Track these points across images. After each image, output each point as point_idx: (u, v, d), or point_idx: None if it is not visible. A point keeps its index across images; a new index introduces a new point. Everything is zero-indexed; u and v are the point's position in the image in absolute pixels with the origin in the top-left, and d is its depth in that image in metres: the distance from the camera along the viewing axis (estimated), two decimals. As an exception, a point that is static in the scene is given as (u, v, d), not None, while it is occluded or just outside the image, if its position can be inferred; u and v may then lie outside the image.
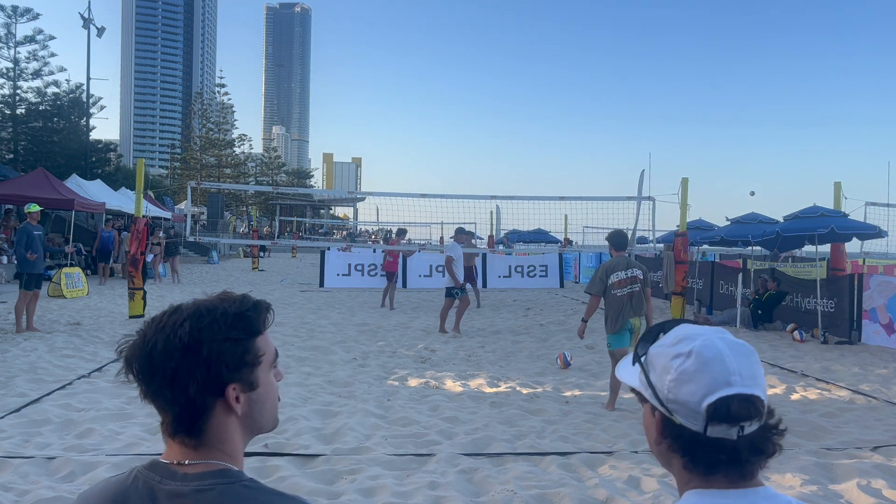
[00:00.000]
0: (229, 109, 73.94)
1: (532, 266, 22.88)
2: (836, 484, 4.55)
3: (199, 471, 1.07)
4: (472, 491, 4.36)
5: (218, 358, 1.07)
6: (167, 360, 1.06)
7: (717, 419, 0.98)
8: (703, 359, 1.01)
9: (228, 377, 1.09)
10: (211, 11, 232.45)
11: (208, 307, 1.12)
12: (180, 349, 1.06)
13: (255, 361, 1.12)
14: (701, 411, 0.99)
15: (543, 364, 8.98)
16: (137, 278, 12.45)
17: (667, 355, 1.05)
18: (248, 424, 1.13)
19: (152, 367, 1.07)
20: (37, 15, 38.56)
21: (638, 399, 1.11)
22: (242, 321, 1.12)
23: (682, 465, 1.04)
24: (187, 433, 1.09)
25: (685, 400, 1.01)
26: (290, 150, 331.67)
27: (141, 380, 1.09)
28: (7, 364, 7.94)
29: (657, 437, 1.06)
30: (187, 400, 1.07)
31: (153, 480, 1.07)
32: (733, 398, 0.99)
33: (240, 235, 46.42)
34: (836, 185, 13.92)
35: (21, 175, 23.79)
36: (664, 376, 1.04)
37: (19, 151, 38.99)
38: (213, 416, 1.09)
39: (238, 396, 1.10)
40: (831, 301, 11.80)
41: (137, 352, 1.10)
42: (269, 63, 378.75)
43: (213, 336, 1.08)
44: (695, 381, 1.01)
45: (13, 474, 4.39)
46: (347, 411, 6.19)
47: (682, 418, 1.01)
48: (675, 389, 1.02)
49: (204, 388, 1.07)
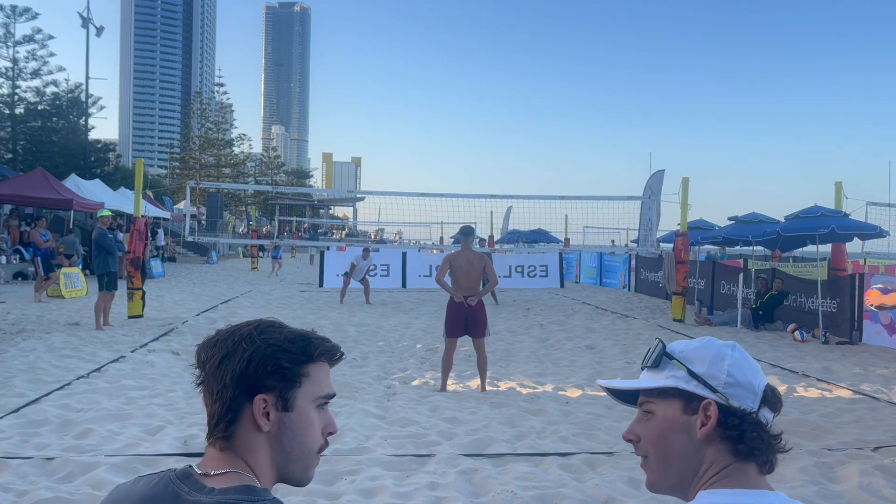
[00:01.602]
0: (228, 109, 73.90)
1: (532, 266, 22.89)
2: (837, 484, 4.54)
3: (225, 485, 1.07)
4: (472, 491, 4.35)
5: (262, 359, 1.11)
6: (223, 345, 1.14)
7: (769, 402, 1.11)
8: (744, 352, 1.15)
9: (263, 383, 1.11)
10: (210, 11, 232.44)
11: (282, 323, 1.19)
12: (237, 339, 1.14)
13: (296, 379, 1.14)
14: (758, 391, 1.11)
15: (543, 364, 8.96)
16: (136, 278, 12.44)
17: (714, 346, 1.15)
18: (276, 449, 1.14)
19: (211, 351, 1.15)
20: (36, 14, 38.50)
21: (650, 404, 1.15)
22: (301, 341, 1.17)
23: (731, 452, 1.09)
24: (220, 434, 1.12)
25: (748, 381, 1.11)
26: (289, 150, 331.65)
27: (199, 363, 1.17)
28: (6, 364, 7.92)
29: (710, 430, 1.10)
30: (223, 392, 1.12)
31: (182, 491, 1.08)
32: (773, 387, 1.14)
33: (239, 235, 46.41)
34: (837, 184, 13.92)
35: (20, 175, 23.76)
36: (720, 363, 1.12)
37: (18, 151, 38.95)
38: (243, 421, 1.12)
39: (269, 412, 1.12)
40: (832, 301, 11.79)
41: (207, 339, 1.18)
42: (269, 62, 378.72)
43: (268, 340, 1.13)
44: (749, 366, 1.13)
45: (12, 475, 4.37)
46: (347, 411, 6.18)
47: (738, 401, 1.10)
48: (736, 372, 1.11)
49: (238, 380, 1.11)
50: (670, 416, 1.12)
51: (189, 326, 11.49)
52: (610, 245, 27.32)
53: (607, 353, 9.80)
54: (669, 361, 1.15)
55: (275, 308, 14.90)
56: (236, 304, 15.58)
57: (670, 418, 1.12)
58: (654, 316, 14.77)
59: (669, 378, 1.13)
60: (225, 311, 13.91)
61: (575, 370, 8.57)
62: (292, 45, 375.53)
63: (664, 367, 1.15)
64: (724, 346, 1.15)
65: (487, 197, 17.72)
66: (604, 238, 26.16)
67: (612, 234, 26.75)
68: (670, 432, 1.12)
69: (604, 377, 8.10)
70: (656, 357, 1.16)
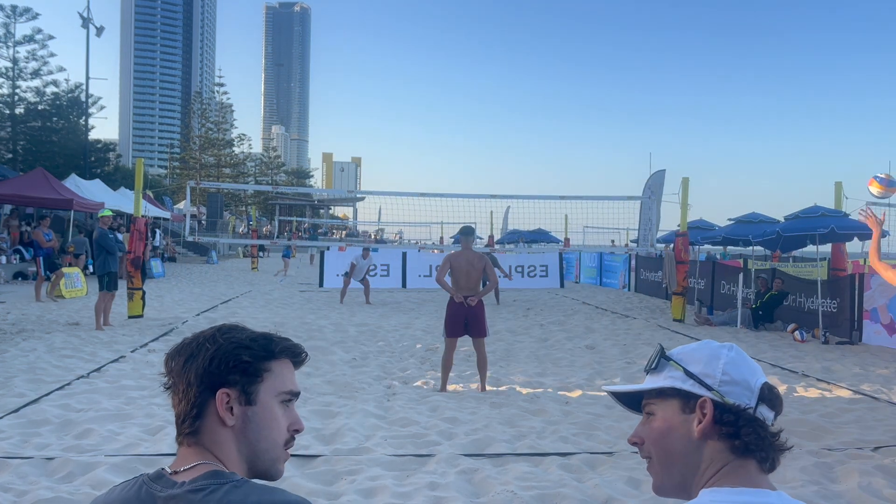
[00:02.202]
0: (228, 109, 73.87)
1: (532, 266, 22.90)
2: (837, 484, 4.54)
3: (193, 475, 1.11)
4: (472, 491, 4.35)
5: (224, 356, 1.16)
6: (187, 348, 1.18)
7: (763, 399, 1.12)
8: (741, 352, 1.17)
9: (226, 378, 1.15)
10: (210, 11, 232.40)
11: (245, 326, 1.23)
12: (200, 341, 1.18)
13: (258, 374, 1.17)
14: (755, 389, 1.13)
15: (543, 364, 8.96)
16: (136, 278, 12.44)
17: (710, 347, 1.18)
18: (242, 442, 1.17)
19: (177, 357, 1.19)
20: (36, 14, 38.50)
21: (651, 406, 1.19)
22: (262, 339, 1.21)
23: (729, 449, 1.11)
24: (187, 431, 1.16)
25: (744, 378, 1.13)
26: (289, 150, 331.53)
27: (167, 369, 1.20)
28: (6, 364, 7.92)
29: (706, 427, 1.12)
30: (187, 391, 1.15)
31: (155, 490, 1.11)
32: (771, 385, 1.15)
33: (239, 235, 46.41)
34: (837, 184, 13.91)
35: (20, 175, 23.76)
36: (715, 362, 1.15)
37: (18, 151, 38.94)
38: (208, 416, 1.15)
39: (232, 406, 1.15)
40: (832, 301, 11.79)
41: (173, 347, 1.22)
42: (269, 62, 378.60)
43: (230, 339, 1.18)
44: (746, 364, 1.15)
45: (12, 475, 4.38)
46: (347, 412, 6.18)
47: (734, 399, 1.12)
48: (732, 370, 1.14)
49: (202, 379, 1.15)
50: (669, 415, 1.16)
51: (189, 326, 11.49)
52: (610, 245, 27.31)
53: (607, 353, 9.80)
54: (667, 363, 1.19)
55: (275, 308, 14.90)
56: (236, 304, 15.58)
57: (670, 418, 1.16)
58: (654, 316, 14.77)
59: (667, 378, 1.17)
60: (225, 311, 13.90)
61: (575, 370, 8.56)
62: (292, 45, 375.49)
63: (663, 368, 1.19)
64: (720, 346, 1.18)
65: (487, 197, 17.72)
66: (604, 238, 26.16)
67: (612, 234, 26.75)
68: (670, 431, 1.15)
69: (604, 377, 8.10)
70: (656, 360, 1.21)
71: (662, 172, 15.73)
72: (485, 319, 7.28)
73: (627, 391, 1.24)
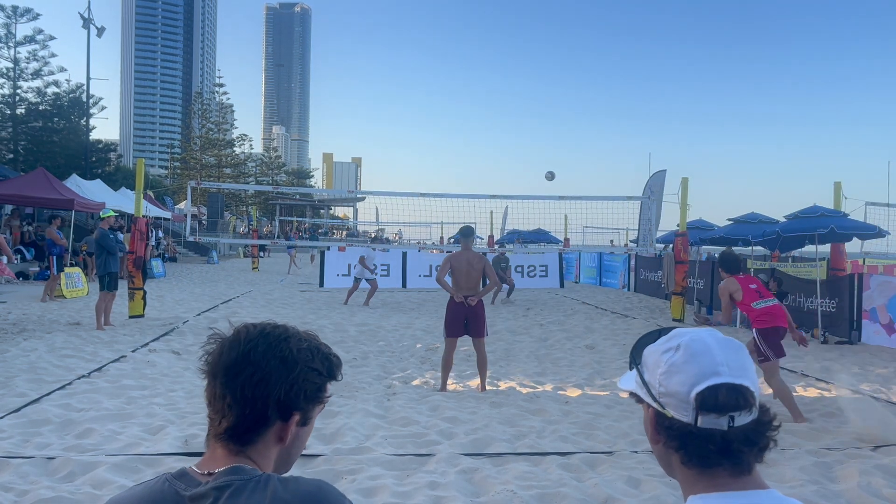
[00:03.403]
0: (229, 109, 73.92)
1: (532, 266, 22.89)
2: (836, 483, 4.55)
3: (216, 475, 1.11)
4: (472, 491, 4.36)
5: (303, 382, 1.14)
6: (262, 364, 1.12)
7: (706, 408, 1.00)
8: (692, 351, 1.05)
9: (300, 404, 1.15)
10: (211, 11, 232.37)
11: (305, 335, 1.20)
12: (279, 358, 1.13)
13: (322, 401, 1.19)
14: (690, 401, 1.01)
15: (543, 364, 8.97)
16: (137, 278, 12.46)
17: (658, 351, 1.09)
18: (283, 456, 1.19)
19: (243, 365, 1.12)
20: (37, 15, 38.55)
21: (636, 401, 1.14)
22: (328, 361, 1.20)
23: (680, 461, 1.06)
24: (238, 440, 1.14)
25: (676, 390, 1.03)
26: (290, 150, 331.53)
27: (223, 374, 1.13)
28: (7, 364, 7.93)
29: (653, 434, 1.08)
30: (256, 408, 1.12)
31: (179, 489, 1.11)
32: (721, 387, 1.01)
33: (240, 235, 46.40)
34: (836, 184, 13.91)
35: (21, 175, 23.77)
36: (655, 370, 1.07)
37: (19, 151, 38.99)
38: (268, 434, 1.15)
39: (292, 427, 1.17)
40: (831, 301, 11.80)
41: (231, 347, 1.14)
42: (269, 63, 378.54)
43: (307, 361, 1.16)
44: (683, 371, 1.03)
45: (13, 474, 4.39)
46: (347, 411, 6.19)
47: (673, 410, 1.03)
48: (666, 381, 1.04)
49: (279, 403, 1.13)
50: (646, 416, 1.12)
51: (190, 326, 11.51)
52: (609, 245, 27.32)
53: (607, 353, 9.81)
54: (636, 364, 1.13)
55: (275, 308, 14.90)
56: (237, 303, 15.59)
57: (646, 419, 1.12)
58: (653, 316, 14.78)
59: (632, 381, 1.13)
60: (226, 311, 13.91)
61: (575, 370, 8.57)
62: (293, 45, 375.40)
63: (632, 366, 1.15)
64: (666, 350, 1.08)
65: (487, 197, 17.73)
66: (603, 238, 26.18)
67: (611, 234, 26.75)
68: (647, 431, 1.12)
69: (603, 377, 8.11)
70: (630, 360, 1.16)
71: (663, 173, 15.72)
72: (485, 319, 7.31)
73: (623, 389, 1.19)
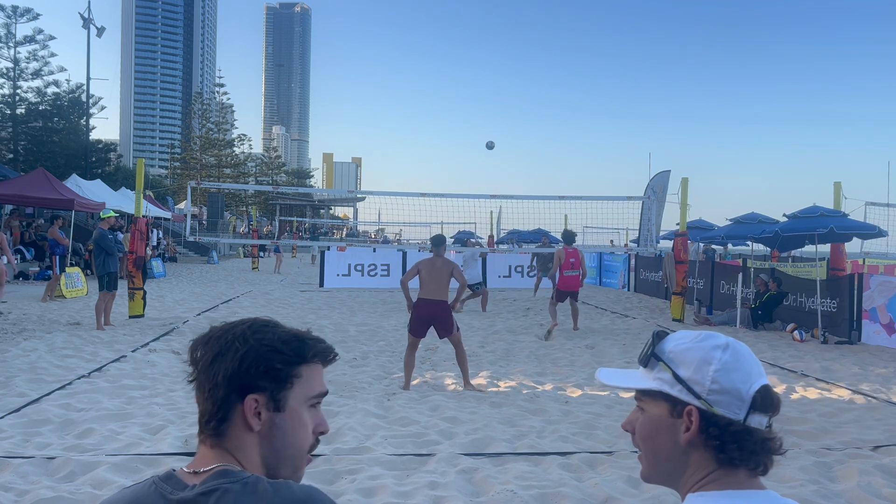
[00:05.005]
0: (229, 109, 73.85)
1: (532, 266, 22.86)
2: (836, 483, 4.56)
3: (204, 477, 1.08)
4: (472, 491, 4.36)
5: (254, 359, 1.11)
6: (216, 343, 1.14)
7: (759, 406, 1.05)
8: (740, 351, 1.08)
9: (255, 383, 1.11)
10: (211, 11, 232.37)
11: (276, 323, 1.18)
12: (230, 338, 1.13)
13: (287, 381, 1.13)
14: (747, 399, 1.05)
15: (543, 364, 8.97)
16: (137, 278, 12.46)
17: (703, 349, 1.09)
18: (267, 448, 1.14)
19: (204, 348, 1.15)
20: (37, 15, 38.54)
21: (641, 402, 1.13)
22: (295, 342, 1.16)
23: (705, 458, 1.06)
24: (212, 432, 1.13)
25: (734, 387, 1.05)
26: (290, 150, 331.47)
27: (192, 359, 1.16)
28: (7, 364, 7.94)
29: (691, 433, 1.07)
30: (216, 390, 1.12)
31: (165, 492, 1.09)
32: (769, 387, 1.07)
33: (240, 235, 46.39)
34: (836, 185, 13.91)
35: (21, 175, 23.77)
36: (705, 368, 1.07)
37: (19, 151, 38.98)
38: (234, 420, 1.12)
39: (260, 412, 1.12)
40: (831, 301, 11.80)
41: (201, 336, 1.18)
42: (269, 63, 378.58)
43: (262, 340, 1.13)
44: (740, 369, 1.06)
45: (13, 474, 4.39)
46: (347, 411, 6.19)
47: (723, 409, 1.05)
48: (723, 378, 1.05)
49: (230, 381, 1.11)
50: (657, 417, 1.11)
51: (190, 326, 11.51)
52: (609, 245, 27.31)
53: (607, 353, 9.82)
54: (657, 363, 1.12)
55: (275, 308, 14.90)
56: (237, 303, 15.59)
57: (657, 419, 1.11)
58: (653, 316, 14.78)
59: (656, 380, 1.11)
60: (226, 311, 13.92)
61: (575, 370, 8.58)
62: (293, 45, 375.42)
63: (653, 366, 1.12)
64: (714, 347, 1.08)
65: (487, 197, 17.75)
66: (603, 238, 26.14)
67: (611, 234, 26.73)
68: (658, 433, 1.10)
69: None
70: (645, 357, 1.14)
71: (667, 173, 15.67)
72: (451, 319, 7.43)
73: (620, 387, 1.18)
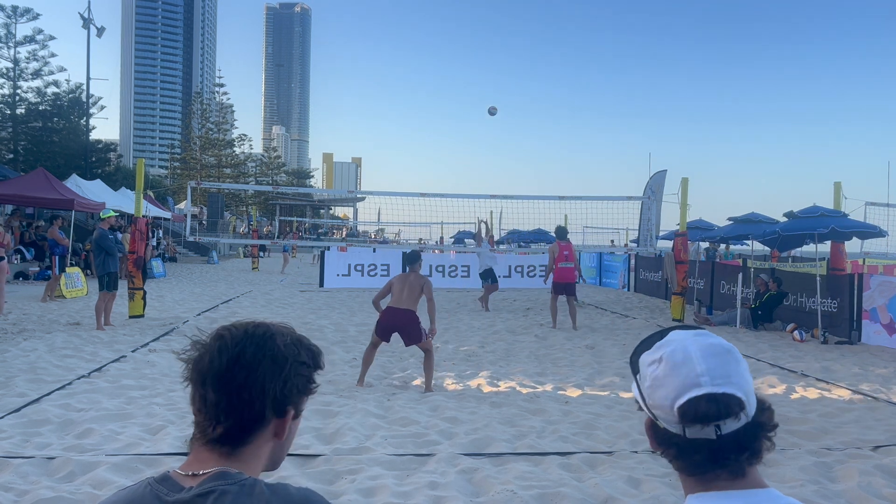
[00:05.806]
0: (229, 109, 73.87)
1: (532, 266, 22.87)
2: (836, 483, 4.55)
3: (201, 479, 1.08)
4: (472, 491, 4.36)
5: (295, 377, 1.13)
6: (255, 366, 1.11)
7: (688, 420, 1.02)
8: (672, 363, 1.05)
9: (293, 399, 1.15)
10: (211, 11, 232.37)
11: (285, 329, 1.19)
12: (270, 358, 1.12)
13: (313, 391, 1.19)
14: (674, 414, 1.03)
15: (543, 364, 8.97)
16: (137, 278, 12.46)
17: (644, 363, 1.10)
18: (276, 450, 1.18)
19: (236, 370, 1.10)
20: (37, 15, 38.55)
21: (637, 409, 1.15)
22: (312, 351, 1.19)
23: (677, 468, 1.08)
24: (232, 442, 1.11)
25: (660, 404, 1.05)
26: (290, 150, 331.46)
27: (215, 380, 1.10)
28: (7, 364, 7.93)
29: (651, 443, 1.11)
30: (254, 410, 1.10)
31: (161, 494, 1.08)
32: (702, 398, 1.01)
33: (240, 235, 46.39)
34: (836, 184, 13.91)
35: (21, 175, 23.77)
36: (644, 383, 1.09)
37: (19, 151, 38.99)
38: (263, 432, 1.13)
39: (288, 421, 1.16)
40: (832, 301, 11.80)
41: (219, 352, 1.11)
42: (269, 63, 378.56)
43: (295, 356, 1.15)
44: (665, 385, 1.05)
45: (13, 474, 4.39)
46: (347, 411, 6.19)
47: (663, 423, 1.06)
48: (652, 395, 1.06)
49: (275, 402, 1.12)
50: (646, 425, 1.13)
51: (190, 326, 11.50)
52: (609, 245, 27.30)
53: (607, 353, 9.81)
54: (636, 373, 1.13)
55: (275, 308, 14.90)
56: (237, 304, 15.58)
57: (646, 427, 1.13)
58: (653, 316, 14.78)
59: (636, 389, 1.13)
60: (226, 311, 13.91)
61: (575, 370, 8.57)
62: (293, 45, 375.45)
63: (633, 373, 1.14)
64: (651, 362, 1.09)
65: (487, 197, 17.73)
66: (603, 238, 26.11)
67: (611, 234, 26.70)
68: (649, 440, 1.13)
69: (603, 377, 8.12)
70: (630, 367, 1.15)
71: (664, 173, 15.70)
72: (419, 328, 7.45)
73: None
